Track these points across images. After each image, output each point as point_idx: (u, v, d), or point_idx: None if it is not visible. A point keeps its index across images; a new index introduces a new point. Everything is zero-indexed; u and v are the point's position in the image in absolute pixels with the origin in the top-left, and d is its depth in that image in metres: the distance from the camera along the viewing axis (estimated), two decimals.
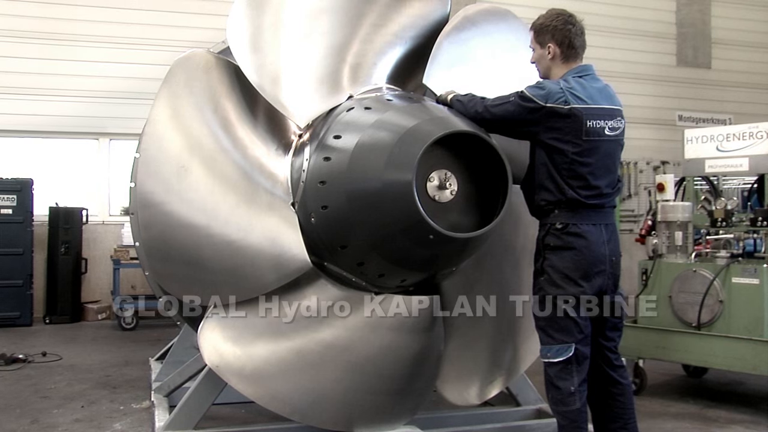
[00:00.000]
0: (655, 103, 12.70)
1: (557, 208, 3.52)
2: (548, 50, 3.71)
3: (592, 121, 3.49)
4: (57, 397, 5.50)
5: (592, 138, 3.49)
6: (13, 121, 9.56)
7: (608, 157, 3.58)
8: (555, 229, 3.51)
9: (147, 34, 9.72)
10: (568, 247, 3.48)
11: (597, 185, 3.51)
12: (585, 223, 3.49)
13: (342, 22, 4.05)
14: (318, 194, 3.48)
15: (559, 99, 3.45)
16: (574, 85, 3.56)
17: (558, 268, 3.49)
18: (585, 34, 3.82)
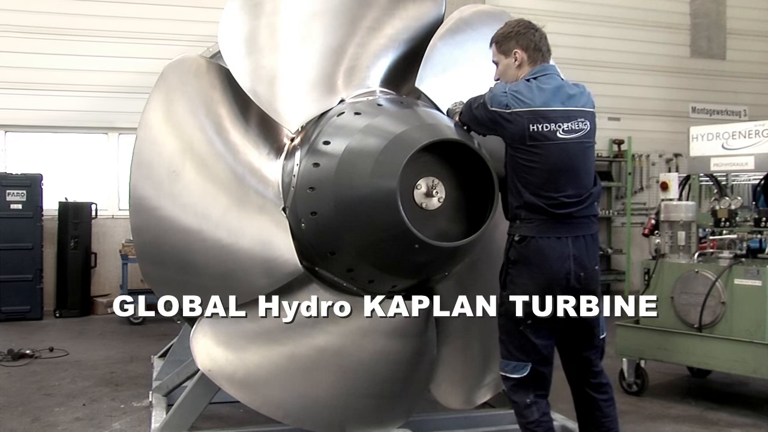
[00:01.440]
0: (667, 95, 12.56)
1: (518, 218, 3.38)
2: (515, 57, 3.57)
3: (536, 124, 3.30)
4: (60, 395, 5.56)
5: (538, 143, 3.30)
6: (23, 117, 9.61)
7: (567, 162, 3.36)
8: (515, 242, 3.39)
9: (155, 29, 9.73)
10: (526, 262, 3.35)
11: (552, 194, 3.31)
12: (545, 236, 3.31)
13: (337, 25, 4.03)
14: (307, 200, 3.48)
15: (501, 103, 3.33)
16: (521, 87, 3.40)
17: (518, 284, 3.37)
18: (548, 39, 3.73)
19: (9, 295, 8.90)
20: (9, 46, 9.44)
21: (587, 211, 3.42)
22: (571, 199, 3.34)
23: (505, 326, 3.48)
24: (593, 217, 3.49)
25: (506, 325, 3.46)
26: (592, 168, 3.52)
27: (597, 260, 3.50)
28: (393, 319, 3.82)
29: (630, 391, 5.53)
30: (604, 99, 12.08)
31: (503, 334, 3.50)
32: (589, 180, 3.46)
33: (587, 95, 3.60)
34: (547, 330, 3.42)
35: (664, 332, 5.34)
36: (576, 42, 11.82)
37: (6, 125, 9.67)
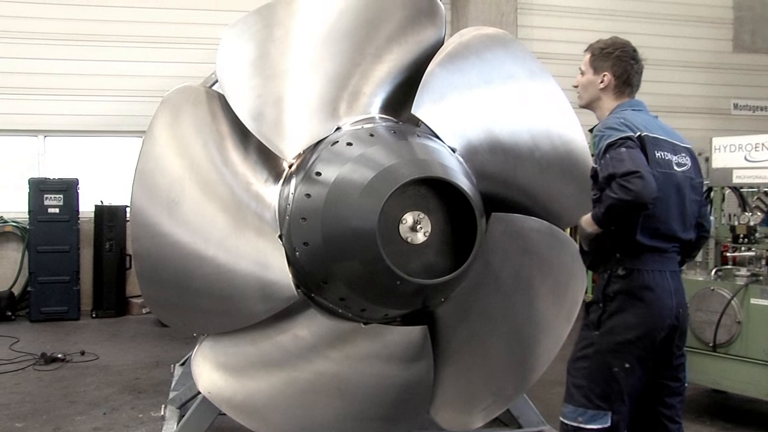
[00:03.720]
0: (708, 92, 12.28)
1: (619, 251, 3.13)
2: (602, 78, 3.43)
3: (658, 151, 3.18)
4: (83, 402, 5.75)
5: (661, 170, 3.14)
6: (60, 122, 9.94)
7: (678, 194, 3.21)
8: (617, 276, 3.12)
9: (185, 33, 9.91)
10: (630, 298, 3.09)
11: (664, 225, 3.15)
12: (652, 269, 3.11)
13: (342, 51, 4.04)
14: (300, 230, 3.52)
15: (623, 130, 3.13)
16: (628, 116, 3.27)
17: (619, 322, 3.09)
18: (643, 73, 3.54)
19: (48, 296, 9.22)
20: (46, 53, 9.75)
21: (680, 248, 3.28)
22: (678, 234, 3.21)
23: (590, 369, 3.14)
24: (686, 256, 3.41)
25: (592, 369, 3.13)
26: (695, 207, 3.31)
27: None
28: (389, 343, 3.88)
29: None
30: (642, 96, 11.74)
31: (584, 378, 3.15)
32: (691, 219, 3.27)
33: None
34: (642, 374, 3.15)
35: None
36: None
37: (44, 130, 10.00)
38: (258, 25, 4.08)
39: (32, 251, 9.29)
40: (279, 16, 4.15)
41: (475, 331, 4.10)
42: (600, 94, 3.48)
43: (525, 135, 4.10)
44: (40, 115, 9.85)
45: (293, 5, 4.15)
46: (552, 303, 4.20)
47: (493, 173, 4.04)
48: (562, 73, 11.56)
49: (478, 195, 3.57)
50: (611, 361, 3.10)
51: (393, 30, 4.13)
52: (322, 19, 4.09)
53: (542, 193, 4.20)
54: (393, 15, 4.15)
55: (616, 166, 2.98)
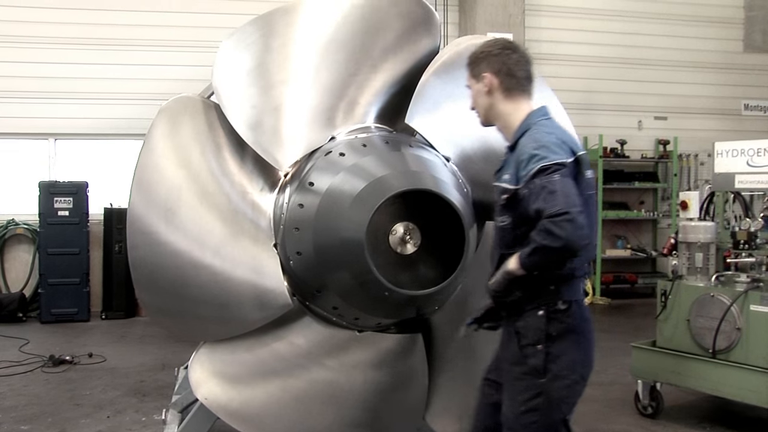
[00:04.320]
0: (718, 92, 12.20)
1: (551, 282, 2.84)
2: (483, 82, 3.10)
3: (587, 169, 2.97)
4: (88, 405, 5.82)
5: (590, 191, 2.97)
6: (70, 125, 10.03)
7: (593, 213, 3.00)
8: (557, 312, 2.84)
9: (195, 36, 9.95)
10: (573, 335, 2.84)
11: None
12: (581, 298, 2.93)
13: (340, 61, 4.08)
14: (293, 239, 3.56)
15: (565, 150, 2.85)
16: (560, 131, 2.99)
17: (566, 365, 2.84)
18: (532, 64, 3.15)
19: (58, 297, 9.34)
20: (57, 57, 9.85)
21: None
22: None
23: (540, 423, 2.85)
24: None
25: (544, 422, 2.86)
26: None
27: None
28: (384, 351, 3.92)
29: (645, 413, 5.47)
30: (651, 98, 11.85)
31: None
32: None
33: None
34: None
35: (679, 356, 5.26)
36: (622, 40, 11.63)
37: (55, 133, 10.10)
38: (255, 35, 4.12)
39: (42, 253, 9.41)
40: (277, 26, 4.19)
41: (469, 338, 4.12)
42: (489, 100, 3.13)
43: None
44: (51, 118, 9.96)
45: (291, 15, 4.19)
46: None
47: (488, 181, 4.04)
48: (571, 74, 11.68)
49: (470, 206, 3.59)
50: (563, 409, 2.90)
51: (390, 40, 4.16)
52: (319, 29, 4.12)
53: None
54: (390, 25, 4.18)
55: (546, 200, 2.65)
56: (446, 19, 10.85)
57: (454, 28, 11.03)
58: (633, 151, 11.47)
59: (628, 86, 11.70)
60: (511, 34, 10.52)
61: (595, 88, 11.58)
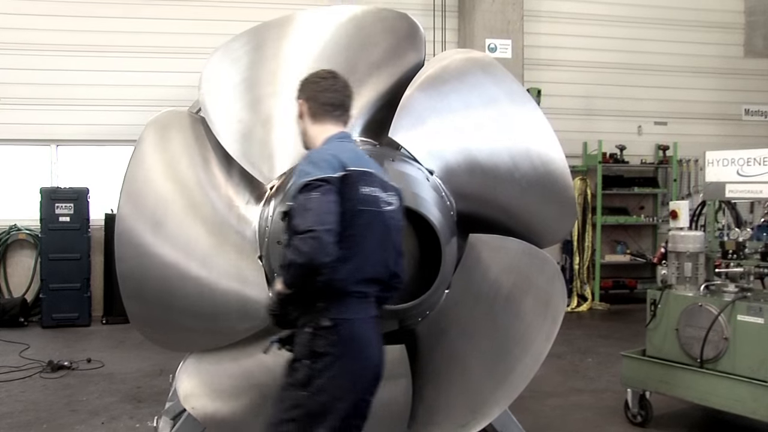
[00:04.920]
0: (719, 98, 12.18)
1: (323, 299, 2.91)
2: (299, 106, 3.26)
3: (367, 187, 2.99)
4: (84, 411, 5.89)
5: (366, 208, 2.98)
6: (72, 131, 10.11)
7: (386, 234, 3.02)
8: (322, 329, 2.89)
9: (196, 43, 9.95)
10: (345, 351, 2.91)
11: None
12: (359, 317, 2.95)
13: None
14: (277, 252, 3.62)
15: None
16: (339, 148, 3.08)
17: (327, 381, 2.89)
18: (349, 95, 3.26)
19: (59, 302, 9.42)
20: (59, 64, 9.93)
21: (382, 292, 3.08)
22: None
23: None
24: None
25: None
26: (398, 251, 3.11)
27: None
28: None
29: (634, 421, 5.49)
30: (651, 103, 11.86)
31: None
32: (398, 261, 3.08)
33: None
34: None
35: (667, 365, 5.28)
36: (621, 45, 11.64)
37: (56, 139, 10.19)
38: (243, 48, 4.21)
39: (44, 259, 9.50)
40: (268, 39, 4.27)
41: (455, 348, 4.17)
42: (302, 124, 3.26)
43: (504, 156, 4.17)
44: (53, 124, 10.04)
45: (283, 29, 4.27)
46: (532, 321, 4.24)
47: (471, 194, 4.12)
48: (570, 80, 11.71)
49: (450, 220, 3.64)
50: (320, 423, 2.90)
51: (377, 55, 4.23)
52: (310, 44, 4.20)
53: (523, 213, 4.27)
54: (377, 40, 4.26)
55: (300, 217, 2.77)
56: (444, 25, 10.90)
57: (453, 34, 11.06)
58: (633, 157, 11.46)
59: (628, 91, 11.70)
60: (509, 40, 10.59)
61: (595, 94, 11.60)
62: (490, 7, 10.53)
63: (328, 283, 2.83)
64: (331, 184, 2.83)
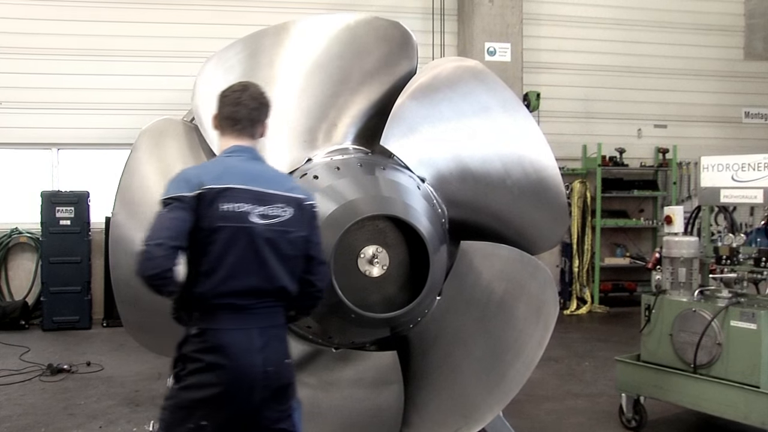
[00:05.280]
0: (719, 100, 12.17)
1: (197, 309, 3.01)
2: (213, 120, 3.30)
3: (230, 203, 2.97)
4: (82, 415, 5.93)
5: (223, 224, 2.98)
6: (73, 135, 10.16)
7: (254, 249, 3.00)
8: (192, 335, 3.01)
9: (197, 47, 9.98)
10: (209, 357, 2.96)
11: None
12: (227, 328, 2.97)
13: (321, 84, 4.18)
14: None
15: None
16: (210, 164, 3.21)
17: (195, 382, 2.98)
18: (257, 108, 3.20)
19: (59, 305, 9.46)
20: (59, 68, 9.98)
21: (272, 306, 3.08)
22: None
23: (167, 422, 3.07)
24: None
25: (169, 422, 3.06)
26: (295, 262, 3.08)
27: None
28: (360, 368, 4.00)
29: (629, 426, 5.52)
30: (651, 106, 11.86)
31: (162, 430, 3.09)
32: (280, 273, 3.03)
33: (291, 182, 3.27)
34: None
35: (661, 370, 5.30)
36: (621, 48, 11.65)
37: (57, 143, 10.24)
38: (238, 56, 4.24)
39: (45, 262, 9.54)
40: (264, 47, 4.30)
41: (447, 354, 4.20)
42: (218, 135, 3.31)
43: (496, 163, 4.20)
44: (54, 128, 10.09)
45: (279, 36, 4.30)
46: (524, 327, 4.27)
47: (463, 201, 4.15)
48: (570, 83, 11.71)
49: (440, 228, 3.67)
50: (185, 418, 2.98)
51: (370, 63, 4.27)
52: (305, 52, 4.23)
53: (515, 219, 4.30)
54: (371, 49, 4.30)
55: (148, 233, 2.89)
56: (443, 29, 10.93)
57: (452, 37, 11.09)
58: (632, 159, 11.47)
59: (627, 94, 11.71)
60: (509, 43, 10.62)
61: (595, 97, 11.61)
62: (490, 10, 10.56)
63: (191, 295, 2.95)
64: (183, 203, 2.91)
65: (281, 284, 2.99)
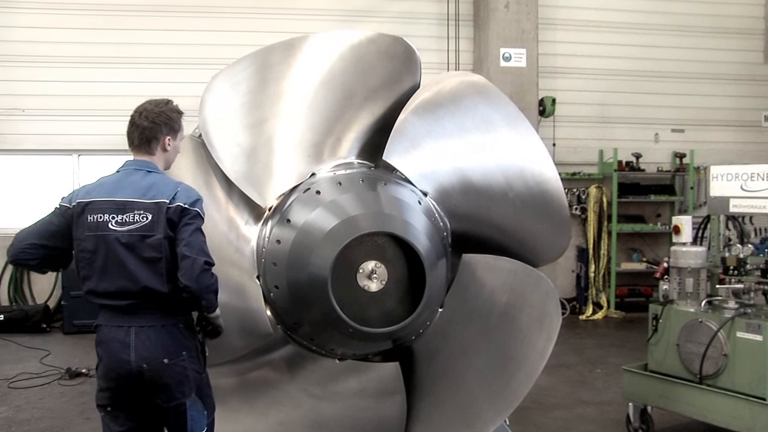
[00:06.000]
0: (737, 104, 12.09)
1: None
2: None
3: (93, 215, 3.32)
4: (97, 419, 5.80)
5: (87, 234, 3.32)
6: (93, 141, 10.37)
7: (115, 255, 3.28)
8: (95, 328, 3.40)
9: (213, 54, 10.11)
10: (99, 350, 3.36)
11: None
12: (107, 324, 3.32)
13: (328, 99, 4.25)
14: (272, 274, 3.74)
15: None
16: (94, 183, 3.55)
17: (98, 371, 3.39)
18: (148, 127, 3.56)
19: (80, 309, 9.59)
20: (79, 76, 10.20)
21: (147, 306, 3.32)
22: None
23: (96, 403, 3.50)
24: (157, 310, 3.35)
25: (96, 403, 3.49)
26: (159, 263, 3.29)
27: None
28: (363, 379, 4.07)
29: None
30: (668, 110, 11.81)
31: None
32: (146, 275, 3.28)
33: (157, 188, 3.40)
34: (127, 419, 3.40)
35: (668, 380, 5.31)
36: (638, 52, 11.61)
37: (78, 149, 10.45)
38: (246, 71, 4.31)
39: None
40: (273, 61, 4.37)
41: (450, 365, 4.26)
42: None
43: (499, 176, 4.24)
44: (75, 135, 10.31)
45: (289, 51, 4.36)
46: (526, 338, 4.30)
47: (466, 213, 4.20)
48: (586, 87, 11.69)
49: (437, 246, 3.71)
50: (99, 404, 3.41)
51: (376, 80, 4.33)
52: (314, 68, 4.30)
53: (518, 232, 4.34)
54: (376, 66, 4.35)
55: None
56: (458, 34, 10.97)
57: (467, 43, 11.12)
58: (649, 164, 11.43)
59: (644, 99, 11.67)
60: (524, 49, 10.64)
61: (611, 101, 11.58)
62: (505, 16, 10.58)
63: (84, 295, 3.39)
64: (59, 210, 3.44)
65: (145, 284, 3.24)
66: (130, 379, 3.27)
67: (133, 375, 3.25)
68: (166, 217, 3.26)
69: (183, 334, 3.37)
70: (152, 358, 3.26)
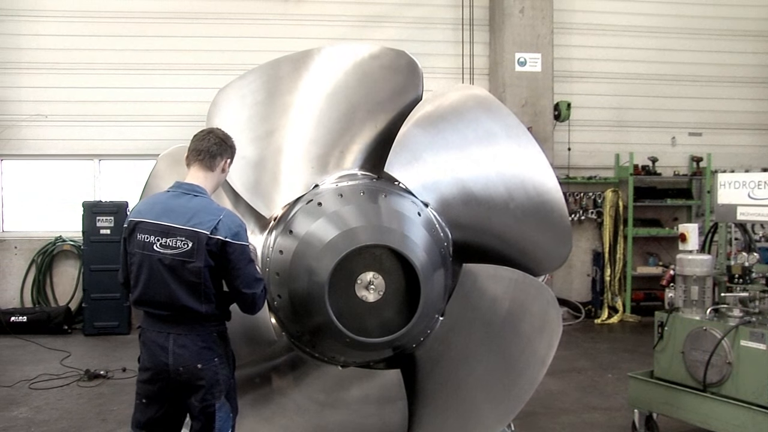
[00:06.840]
0: (756, 107, 12.03)
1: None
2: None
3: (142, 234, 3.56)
4: (113, 421, 6.23)
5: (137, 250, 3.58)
6: (114, 146, 10.59)
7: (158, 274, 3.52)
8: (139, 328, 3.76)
9: (231, 60, 10.32)
10: (142, 348, 3.69)
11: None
12: (149, 329, 3.63)
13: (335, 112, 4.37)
14: (275, 283, 3.85)
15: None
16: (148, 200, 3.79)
17: (139, 366, 3.71)
18: (214, 143, 3.73)
19: (100, 312, 9.86)
20: (101, 82, 10.43)
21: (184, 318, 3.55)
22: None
23: (135, 395, 3.79)
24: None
25: (135, 395, 3.77)
26: (195, 287, 3.50)
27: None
28: (365, 386, 4.17)
29: None
30: (685, 114, 11.78)
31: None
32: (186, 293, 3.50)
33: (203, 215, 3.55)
34: (159, 410, 3.68)
35: (673, 387, 5.34)
36: (654, 56, 11.60)
37: (99, 154, 10.66)
38: (251, 86, 4.44)
39: (86, 270, 9.94)
40: (283, 74, 4.49)
41: (451, 372, 4.33)
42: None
43: (500, 187, 4.31)
44: (96, 140, 10.53)
45: (298, 64, 4.48)
46: (527, 346, 4.36)
47: (467, 224, 4.28)
48: (602, 91, 11.67)
49: (435, 258, 3.79)
50: (137, 392, 3.70)
51: (381, 93, 4.44)
52: (322, 81, 4.42)
53: (519, 241, 4.41)
54: (381, 80, 4.46)
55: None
56: (473, 39, 11.02)
57: (483, 47, 11.17)
58: (666, 168, 11.40)
59: (660, 102, 11.65)
60: (539, 53, 10.68)
61: (627, 105, 11.58)
62: (520, 21, 10.63)
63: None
64: (125, 231, 3.68)
65: (183, 304, 3.49)
66: (168, 380, 3.56)
67: (170, 376, 3.54)
68: (206, 248, 3.46)
69: (216, 342, 3.61)
70: (188, 362, 3.53)
